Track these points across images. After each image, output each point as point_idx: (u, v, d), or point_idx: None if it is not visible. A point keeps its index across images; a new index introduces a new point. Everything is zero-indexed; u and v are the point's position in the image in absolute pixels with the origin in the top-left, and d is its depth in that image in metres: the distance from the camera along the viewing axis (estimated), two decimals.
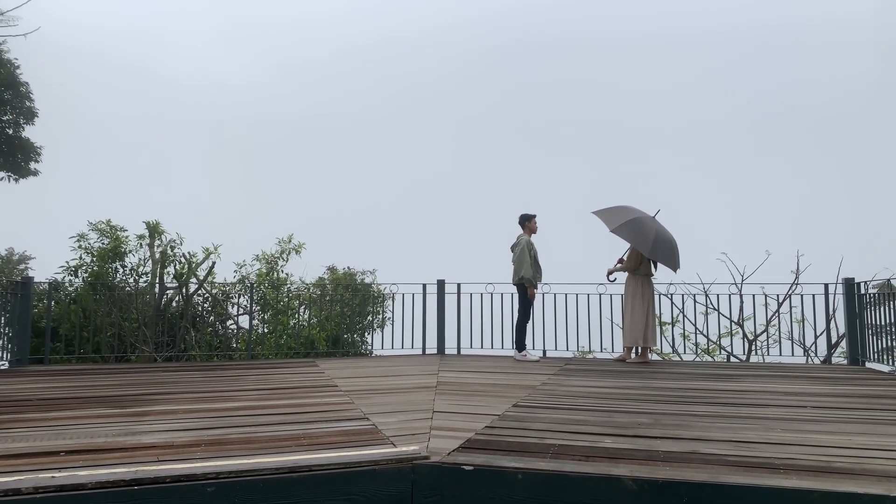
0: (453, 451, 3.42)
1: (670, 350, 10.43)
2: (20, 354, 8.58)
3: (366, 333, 12.72)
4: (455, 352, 9.99)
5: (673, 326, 10.60)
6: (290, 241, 12.32)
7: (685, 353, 10.32)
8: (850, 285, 8.65)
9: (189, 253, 11.36)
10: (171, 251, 11.29)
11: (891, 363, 7.88)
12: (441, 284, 10.01)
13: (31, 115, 13.69)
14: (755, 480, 2.88)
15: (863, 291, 8.46)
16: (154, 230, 11.17)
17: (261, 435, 3.88)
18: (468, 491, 3.07)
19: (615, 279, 8.92)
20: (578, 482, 2.97)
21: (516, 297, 9.27)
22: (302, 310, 11.62)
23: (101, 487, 2.78)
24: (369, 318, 12.57)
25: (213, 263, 11.42)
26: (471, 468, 3.11)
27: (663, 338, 10.71)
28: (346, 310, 11.79)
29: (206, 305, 11.89)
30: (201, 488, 2.86)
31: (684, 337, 10.73)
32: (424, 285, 10.03)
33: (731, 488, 2.82)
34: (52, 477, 2.80)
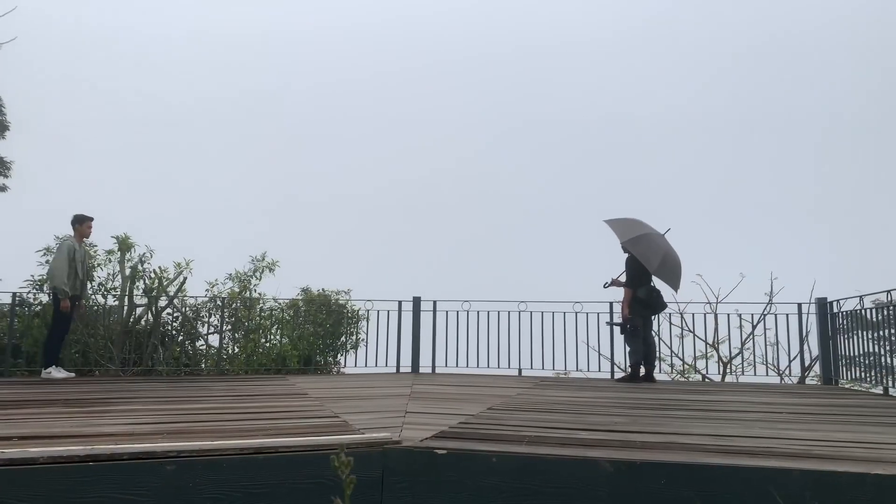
0: (426, 438, 3.31)
1: None
2: None
3: (339, 354, 12.52)
4: (430, 370, 9.84)
5: None
6: (263, 259, 12.17)
7: (659, 374, 10.27)
8: (822, 304, 8.72)
9: (160, 268, 11.15)
10: (142, 266, 11.07)
11: (868, 382, 7.92)
12: (416, 302, 9.91)
13: (2, 129, 13.48)
14: (735, 462, 2.82)
15: (835, 310, 8.53)
16: (123, 244, 10.96)
17: (227, 426, 3.74)
18: (441, 475, 2.96)
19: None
20: (554, 465, 2.88)
21: (490, 314, 9.20)
22: (274, 329, 11.42)
23: (54, 462, 2.63)
24: (343, 338, 12.38)
25: (185, 279, 11.21)
26: (444, 452, 3.01)
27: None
28: (320, 330, 11.61)
29: (175, 324, 11.65)
30: (160, 467, 2.72)
31: (659, 359, 10.69)
32: (400, 302, 9.93)
33: (710, 469, 2.76)
34: (2, 452, 2.65)
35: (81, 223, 8.26)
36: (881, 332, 7.75)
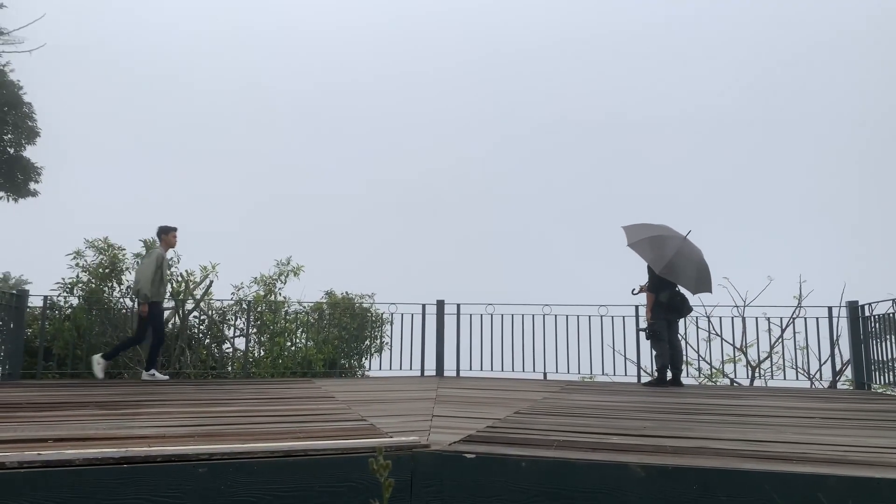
0: (454, 442, 3.31)
1: None
2: (12, 369, 8.43)
3: (363, 358, 12.57)
4: (454, 374, 9.83)
5: None
6: (288, 264, 12.25)
7: (687, 378, 10.16)
8: (853, 308, 8.57)
9: (187, 271, 11.28)
10: (168, 269, 11.20)
11: None
12: (440, 305, 9.92)
13: (32, 135, 13.72)
14: (769, 468, 2.77)
15: (867, 314, 8.37)
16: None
17: (256, 429, 3.77)
18: (470, 478, 2.95)
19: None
20: (585, 469, 2.86)
21: (515, 318, 9.17)
22: (299, 332, 11.50)
23: (89, 465, 2.67)
24: (367, 342, 12.43)
25: (211, 282, 11.33)
26: (472, 456, 3.00)
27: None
28: (344, 333, 11.66)
29: (201, 327, 11.77)
30: (192, 468, 2.75)
31: (687, 363, 10.58)
32: (424, 305, 9.94)
33: (743, 474, 2.71)
34: (39, 454, 2.69)
35: (167, 233, 8.58)
36: None
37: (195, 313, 11.33)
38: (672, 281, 8.05)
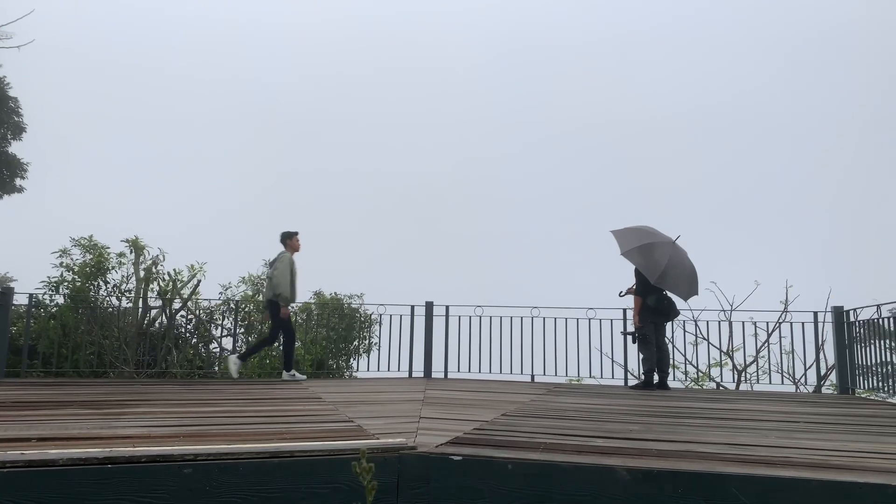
0: (441, 444, 3.31)
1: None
2: None
3: (351, 359, 12.55)
4: (442, 376, 9.83)
5: None
6: None
7: (673, 381, 10.21)
8: (839, 313, 8.64)
9: (174, 270, 11.21)
10: (156, 268, 11.14)
11: (886, 391, 7.83)
12: (429, 307, 9.91)
13: (18, 131, 13.57)
14: (753, 472, 2.79)
15: (852, 319, 8.44)
16: (134, 245, 11.02)
17: (242, 430, 3.76)
18: (456, 480, 2.96)
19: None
20: (571, 472, 2.87)
21: (503, 320, 9.19)
22: None
23: (73, 465, 2.65)
24: (355, 343, 12.41)
25: (199, 282, 11.27)
26: (459, 458, 3.00)
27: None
28: (332, 334, 11.63)
29: (188, 326, 11.71)
30: (178, 469, 2.73)
31: (673, 367, 10.63)
32: (412, 307, 9.93)
33: (728, 478, 2.73)
34: (22, 454, 2.67)
35: (290, 238, 8.87)
36: None
37: (182, 313, 11.26)
38: (672, 290, 8.09)
